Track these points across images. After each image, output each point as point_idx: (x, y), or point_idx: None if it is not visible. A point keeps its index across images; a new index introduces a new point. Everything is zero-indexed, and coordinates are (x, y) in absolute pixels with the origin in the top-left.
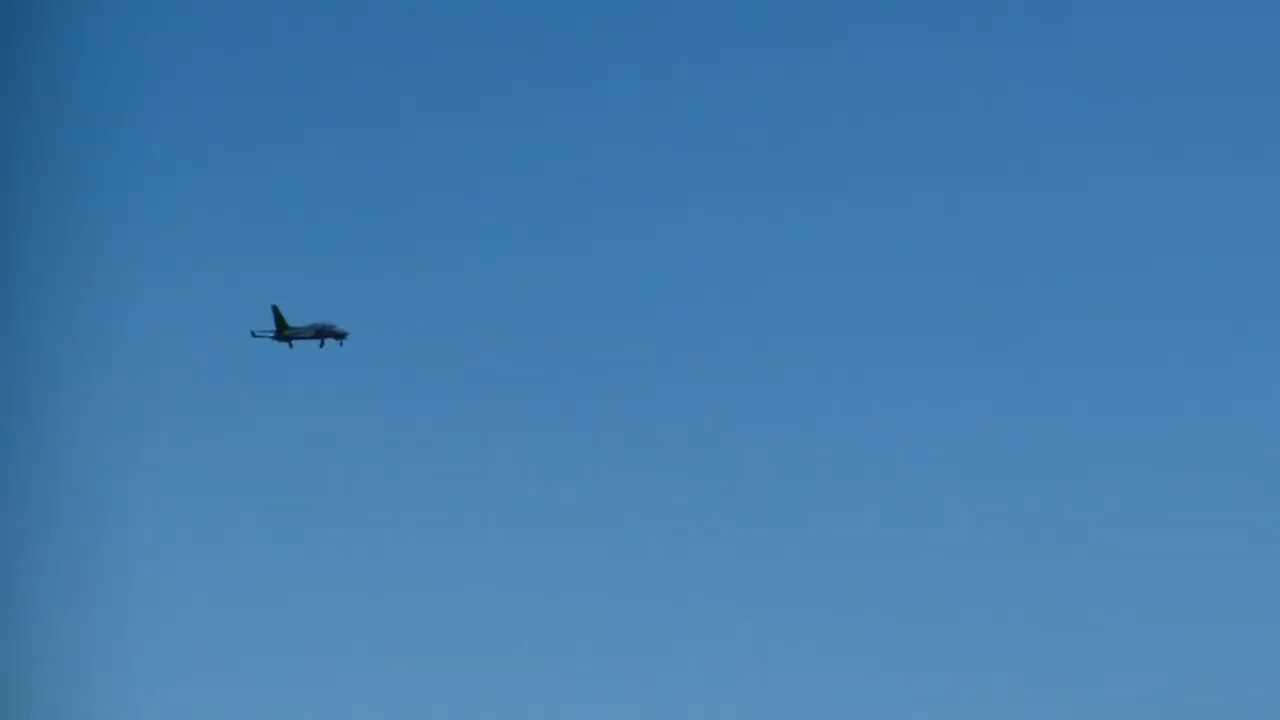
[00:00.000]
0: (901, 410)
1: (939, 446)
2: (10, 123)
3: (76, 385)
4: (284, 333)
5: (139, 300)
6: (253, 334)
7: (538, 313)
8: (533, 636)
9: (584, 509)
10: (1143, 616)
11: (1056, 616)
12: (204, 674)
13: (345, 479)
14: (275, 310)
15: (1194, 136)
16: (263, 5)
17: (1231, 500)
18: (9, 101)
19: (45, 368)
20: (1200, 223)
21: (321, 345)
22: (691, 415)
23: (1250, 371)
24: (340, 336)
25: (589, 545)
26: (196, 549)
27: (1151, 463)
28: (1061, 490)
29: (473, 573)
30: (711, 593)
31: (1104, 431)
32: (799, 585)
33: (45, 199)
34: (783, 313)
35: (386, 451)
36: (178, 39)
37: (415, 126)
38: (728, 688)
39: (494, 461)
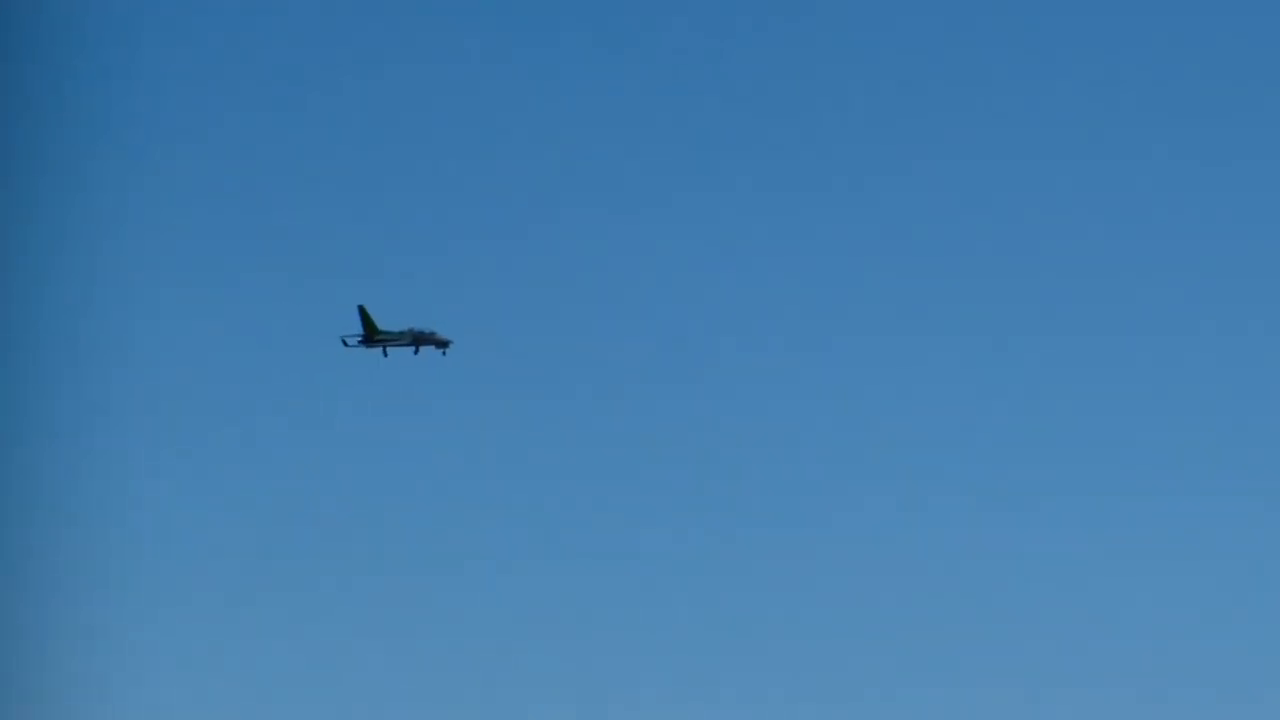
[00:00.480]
0: (896, 409)
1: (937, 446)
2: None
3: (131, 390)
4: (375, 337)
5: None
6: (344, 342)
7: (534, 314)
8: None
9: (591, 512)
10: (1138, 618)
11: (1054, 617)
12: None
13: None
14: (362, 311)
15: (1186, 139)
16: (275, 4)
17: (1235, 500)
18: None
19: (96, 369)
20: (1198, 223)
21: (416, 353)
22: (692, 414)
23: (1250, 370)
24: (442, 345)
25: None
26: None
27: (1150, 461)
28: (1059, 489)
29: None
30: (709, 594)
31: (1102, 431)
32: (795, 585)
33: (89, 203)
34: (782, 311)
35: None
36: (199, 36)
37: (409, 124)
38: (725, 687)
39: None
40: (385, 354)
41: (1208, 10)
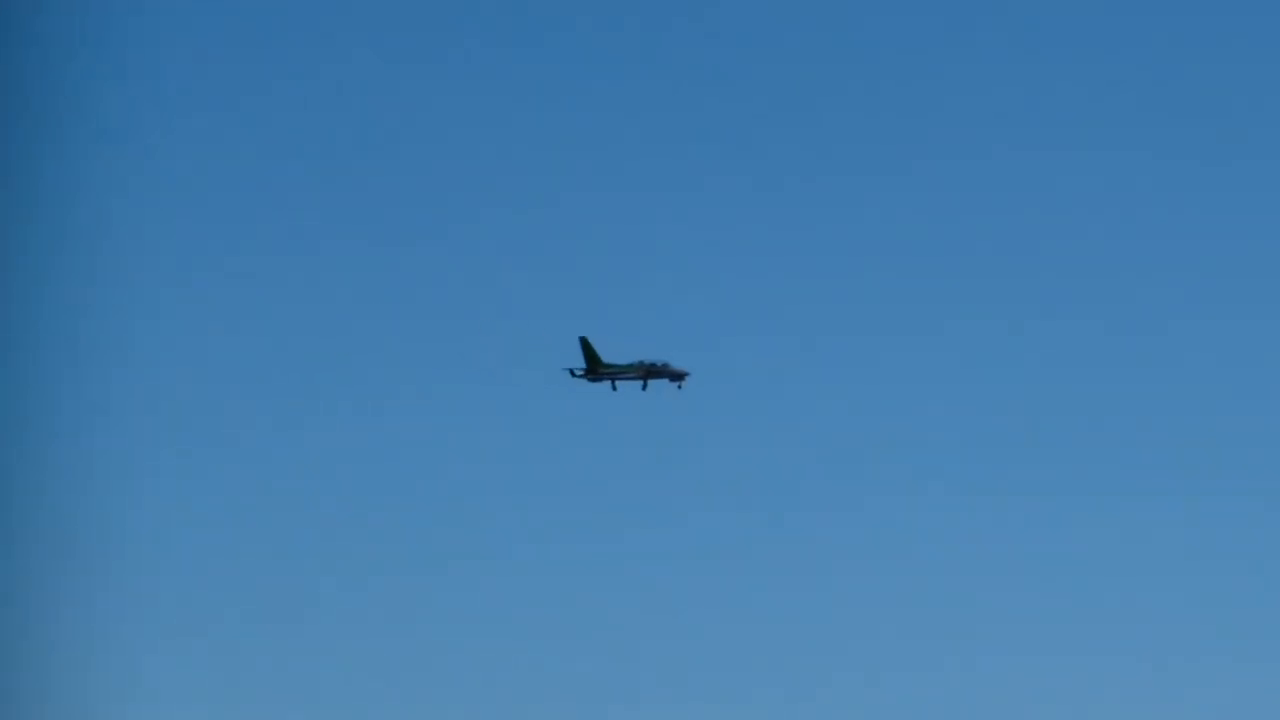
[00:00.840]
0: (896, 409)
1: (937, 446)
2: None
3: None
4: (600, 370)
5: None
6: (571, 373)
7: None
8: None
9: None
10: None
11: (1053, 616)
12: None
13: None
14: (584, 343)
15: (1179, 141)
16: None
17: (1235, 500)
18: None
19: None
20: (1198, 224)
21: (644, 388)
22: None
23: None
24: (678, 378)
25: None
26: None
27: (1150, 461)
28: (1059, 490)
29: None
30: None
31: (1099, 431)
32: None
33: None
34: (783, 308)
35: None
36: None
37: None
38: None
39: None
40: (614, 387)
41: (1208, 10)
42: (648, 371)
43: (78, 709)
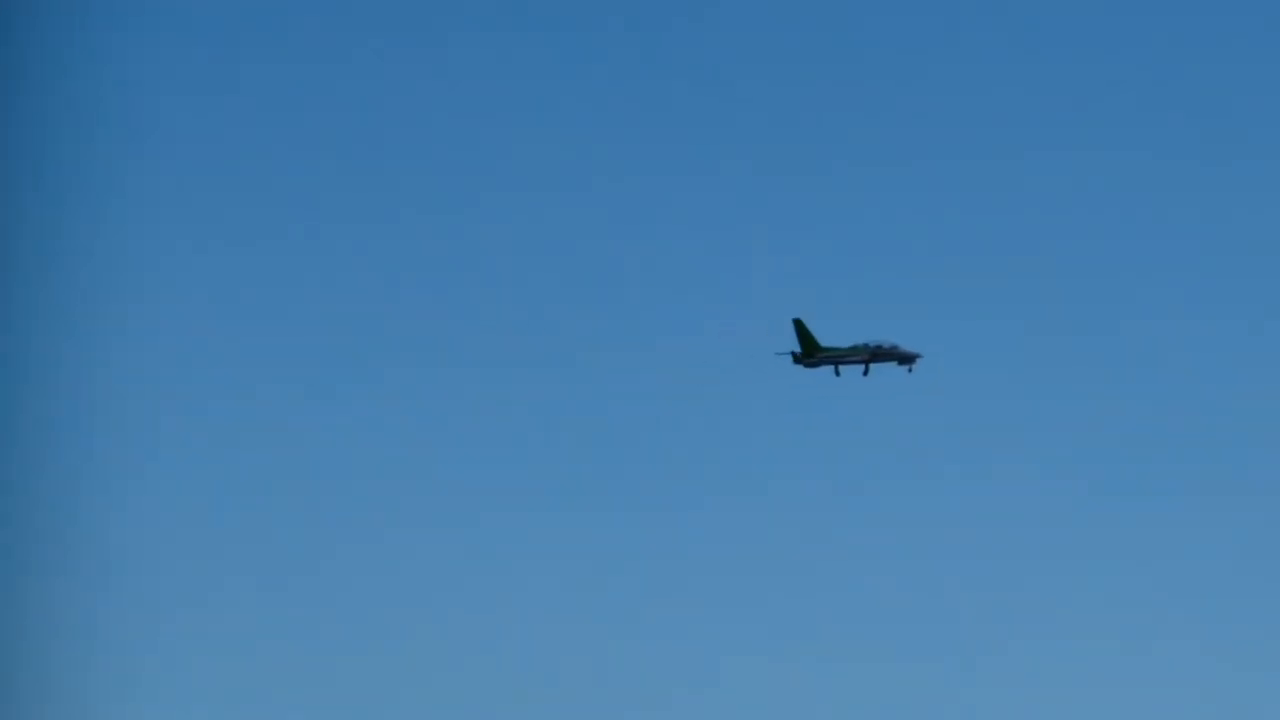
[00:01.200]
0: (897, 406)
1: (938, 443)
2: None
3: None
4: (816, 354)
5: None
6: (793, 358)
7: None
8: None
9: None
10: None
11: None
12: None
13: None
14: (799, 325)
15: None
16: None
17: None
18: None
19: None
20: (1199, 223)
21: (865, 373)
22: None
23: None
24: (908, 360)
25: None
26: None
27: (1142, 454)
28: (1057, 488)
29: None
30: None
31: (1099, 431)
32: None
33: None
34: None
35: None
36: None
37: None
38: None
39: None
40: (838, 373)
41: (1208, 10)
42: (873, 354)
43: (78, 709)
